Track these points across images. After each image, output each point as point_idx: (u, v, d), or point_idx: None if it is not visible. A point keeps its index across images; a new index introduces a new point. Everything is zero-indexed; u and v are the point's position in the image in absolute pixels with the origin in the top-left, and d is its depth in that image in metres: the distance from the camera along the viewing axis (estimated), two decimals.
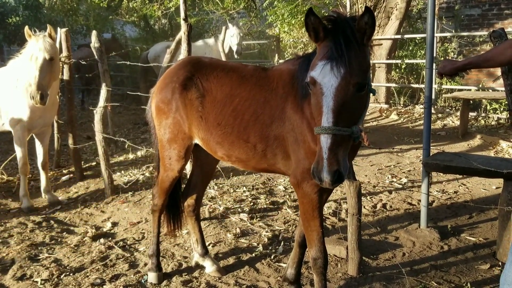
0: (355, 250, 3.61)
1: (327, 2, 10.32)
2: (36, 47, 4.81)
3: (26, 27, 4.93)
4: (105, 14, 15.20)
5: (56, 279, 3.71)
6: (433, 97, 5.32)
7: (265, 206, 5.09)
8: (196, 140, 3.31)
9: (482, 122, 8.98)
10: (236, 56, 10.38)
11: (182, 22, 5.04)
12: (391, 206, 5.04)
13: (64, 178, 6.48)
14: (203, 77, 3.20)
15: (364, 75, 2.18)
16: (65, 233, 4.66)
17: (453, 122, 9.05)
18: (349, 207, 3.63)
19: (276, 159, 2.97)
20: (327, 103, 2.14)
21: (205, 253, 3.75)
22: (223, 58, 9.53)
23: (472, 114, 9.00)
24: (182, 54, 4.40)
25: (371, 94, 2.34)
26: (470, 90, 9.38)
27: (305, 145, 2.72)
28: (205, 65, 3.28)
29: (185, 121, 3.23)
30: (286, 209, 4.97)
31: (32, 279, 3.73)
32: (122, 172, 6.59)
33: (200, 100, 3.15)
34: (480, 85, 10.37)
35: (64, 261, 4.03)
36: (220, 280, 3.61)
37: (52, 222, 4.94)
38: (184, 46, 4.34)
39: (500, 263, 3.74)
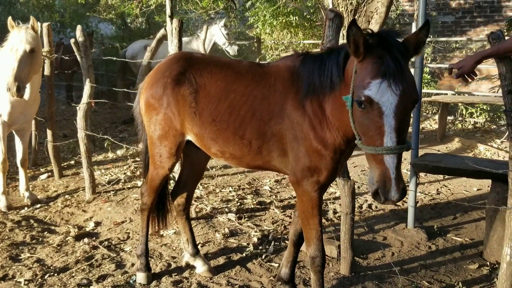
0: (348, 249, 3.61)
1: (309, 4, 10.33)
2: (17, 39, 4.65)
3: (9, 18, 4.77)
4: (82, 10, 14.89)
5: (40, 279, 3.58)
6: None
7: (252, 206, 5.04)
8: (189, 137, 3.23)
9: (459, 125, 9.17)
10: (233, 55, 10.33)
11: (168, 19, 4.97)
12: (376, 207, 5.07)
13: (42, 176, 6.28)
14: (197, 72, 3.11)
15: (416, 90, 2.21)
16: (46, 232, 4.50)
17: (430, 125, 9.21)
18: (342, 206, 3.62)
19: (271, 156, 2.92)
20: (388, 123, 2.12)
21: (196, 252, 3.67)
22: None
23: (449, 118, 9.18)
24: (173, 50, 4.31)
25: None
26: (446, 94, 9.57)
27: (307, 143, 2.69)
28: (198, 60, 3.20)
29: (176, 117, 3.15)
30: (273, 209, 4.94)
31: (15, 279, 3.58)
32: (102, 171, 6.44)
33: (193, 95, 3.07)
34: (456, 90, 10.60)
35: (47, 261, 3.89)
36: (211, 280, 3.54)
37: (31, 221, 4.76)
38: (174, 42, 4.25)
39: (488, 263, 3.80)
